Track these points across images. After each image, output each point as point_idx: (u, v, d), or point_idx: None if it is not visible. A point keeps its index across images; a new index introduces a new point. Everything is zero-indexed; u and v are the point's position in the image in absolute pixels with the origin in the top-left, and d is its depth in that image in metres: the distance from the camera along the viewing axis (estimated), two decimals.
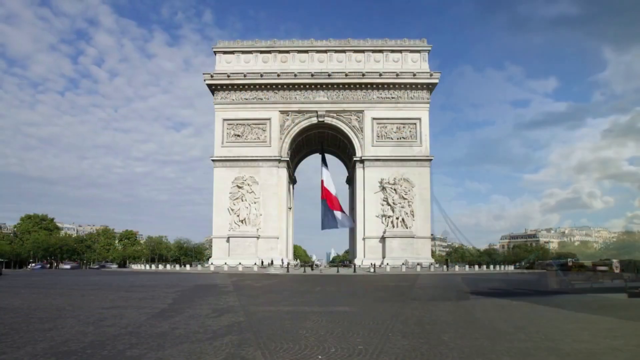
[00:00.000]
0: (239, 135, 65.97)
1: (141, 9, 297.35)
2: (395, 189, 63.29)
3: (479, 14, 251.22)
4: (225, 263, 58.48)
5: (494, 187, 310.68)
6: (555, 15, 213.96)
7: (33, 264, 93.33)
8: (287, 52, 67.13)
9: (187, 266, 77.04)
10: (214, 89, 66.77)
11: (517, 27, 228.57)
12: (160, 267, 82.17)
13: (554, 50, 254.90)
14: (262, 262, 59.90)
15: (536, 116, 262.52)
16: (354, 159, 66.89)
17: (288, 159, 67.43)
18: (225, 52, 67.51)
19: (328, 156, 75.90)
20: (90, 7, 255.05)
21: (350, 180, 79.70)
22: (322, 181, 68.17)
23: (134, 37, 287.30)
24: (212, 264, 61.70)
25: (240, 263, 56.93)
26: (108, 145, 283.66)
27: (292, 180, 79.77)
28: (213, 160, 65.28)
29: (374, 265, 56.77)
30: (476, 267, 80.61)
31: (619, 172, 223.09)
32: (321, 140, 75.37)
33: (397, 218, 62.89)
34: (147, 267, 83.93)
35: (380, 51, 66.82)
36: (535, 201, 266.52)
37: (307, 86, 66.00)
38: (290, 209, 76.39)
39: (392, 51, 66.76)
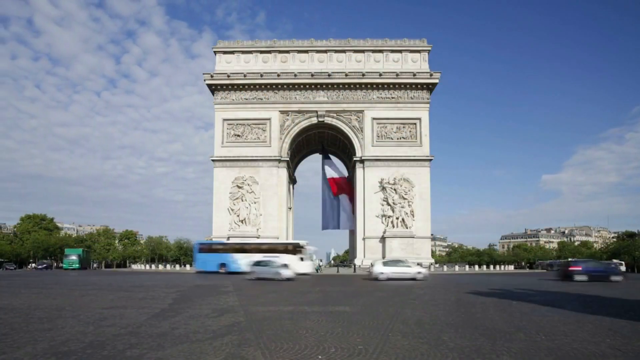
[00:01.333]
0: (239, 135, 65.98)
1: (196, 9, 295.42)
2: (395, 189, 63.31)
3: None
4: None
5: (496, 187, 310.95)
6: None
7: (34, 264, 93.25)
8: (287, 52, 67.11)
9: (187, 266, 77.06)
10: (214, 89, 66.80)
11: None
12: (160, 267, 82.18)
13: None
14: None
15: None
16: (354, 159, 66.89)
17: (288, 159, 67.44)
18: (225, 52, 67.51)
19: None
20: (144, 8, 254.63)
21: (350, 180, 79.69)
22: (329, 179, 68.55)
23: (182, 38, 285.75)
24: None
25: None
26: (133, 145, 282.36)
27: (292, 180, 79.77)
28: (213, 160, 65.32)
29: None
30: (476, 267, 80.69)
31: None
32: (321, 140, 75.38)
33: (397, 218, 62.92)
34: (147, 267, 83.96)
35: (380, 51, 66.80)
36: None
37: (307, 86, 65.99)
38: (290, 209, 76.39)
39: (392, 51, 66.75)
